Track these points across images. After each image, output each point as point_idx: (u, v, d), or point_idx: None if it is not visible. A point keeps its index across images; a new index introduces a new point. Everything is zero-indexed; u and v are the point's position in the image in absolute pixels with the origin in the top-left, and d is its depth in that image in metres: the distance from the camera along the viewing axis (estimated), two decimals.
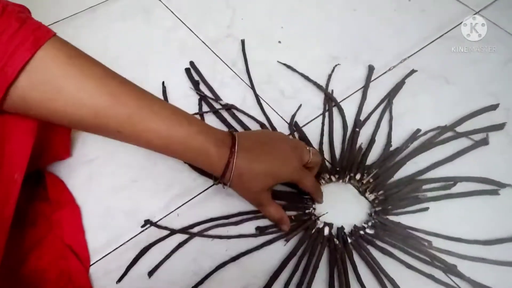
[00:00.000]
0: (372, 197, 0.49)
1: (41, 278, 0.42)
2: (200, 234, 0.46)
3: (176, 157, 0.42)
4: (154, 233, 0.46)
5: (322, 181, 0.50)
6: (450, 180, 0.49)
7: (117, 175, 0.51)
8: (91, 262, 0.44)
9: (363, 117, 0.56)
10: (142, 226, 0.47)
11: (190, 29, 0.67)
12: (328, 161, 0.52)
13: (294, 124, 0.55)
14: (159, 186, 0.50)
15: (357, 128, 0.54)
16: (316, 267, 0.44)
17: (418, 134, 0.54)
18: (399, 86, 0.59)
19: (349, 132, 0.55)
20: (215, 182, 0.46)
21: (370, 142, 0.53)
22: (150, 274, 0.43)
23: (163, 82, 0.59)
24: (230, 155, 0.40)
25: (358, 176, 0.50)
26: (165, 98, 0.58)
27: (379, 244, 0.45)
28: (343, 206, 0.49)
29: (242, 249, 0.45)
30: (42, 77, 0.34)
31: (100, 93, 0.36)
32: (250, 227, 0.47)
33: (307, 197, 0.49)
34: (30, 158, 0.39)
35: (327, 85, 0.60)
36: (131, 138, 0.39)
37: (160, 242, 0.46)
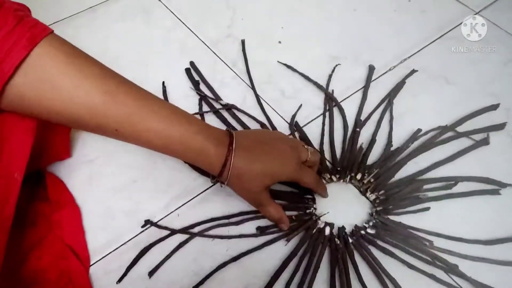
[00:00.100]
0: (373, 197, 0.49)
1: (41, 278, 0.42)
2: (200, 234, 0.46)
3: (175, 156, 0.42)
4: (155, 233, 0.46)
5: (323, 181, 0.50)
6: (451, 180, 0.49)
7: (117, 175, 0.51)
8: (91, 262, 0.44)
9: (364, 117, 0.56)
10: (143, 226, 0.47)
11: (190, 29, 0.67)
12: (329, 161, 0.52)
13: (294, 124, 0.55)
14: (159, 186, 0.50)
15: (357, 128, 0.54)
16: (317, 267, 0.43)
17: (418, 134, 0.54)
18: (400, 86, 0.59)
19: (349, 132, 0.55)
20: (213, 181, 0.46)
21: (371, 142, 0.53)
22: (151, 274, 0.43)
23: (163, 82, 0.59)
24: (228, 154, 0.40)
25: (359, 176, 0.50)
26: (165, 98, 0.58)
27: (380, 244, 0.45)
28: (344, 206, 0.49)
29: (243, 249, 0.45)
30: (39, 74, 0.34)
31: (98, 92, 0.36)
32: (251, 227, 0.47)
33: (308, 197, 0.49)
34: (30, 158, 0.39)
35: (328, 85, 0.60)
36: (130, 137, 0.39)
37: (160, 242, 0.46)
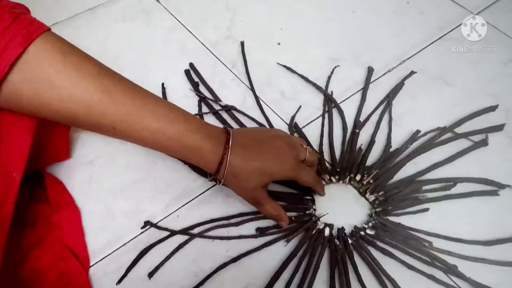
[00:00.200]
0: (372, 198, 0.49)
1: (40, 278, 0.41)
2: (200, 235, 0.46)
3: (172, 154, 0.42)
4: (154, 234, 0.46)
5: (322, 182, 0.50)
6: (450, 181, 0.49)
7: (117, 176, 0.51)
8: (91, 263, 0.44)
9: (363, 118, 0.56)
10: (142, 227, 0.47)
11: (189, 31, 0.67)
12: (328, 162, 0.52)
13: (294, 125, 0.55)
14: (159, 187, 0.50)
15: (357, 129, 0.54)
16: (316, 268, 0.43)
17: (418, 135, 0.54)
18: (399, 87, 0.59)
19: (349, 133, 0.55)
20: (210, 178, 0.45)
21: (370, 143, 0.53)
22: (150, 275, 0.43)
23: (163, 84, 0.59)
24: (224, 152, 0.40)
25: (358, 177, 0.50)
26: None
27: (380, 244, 0.45)
28: (344, 207, 0.49)
29: (242, 250, 0.45)
30: (34, 72, 0.34)
31: (94, 89, 0.36)
32: (250, 228, 0.47)
33: (308, 198, 0.49)
34: (29, 158, 0.39)
35: (327, 86, 0.60)
36: (127, 135, 0.39)
37: (160, 243, 0.46)
